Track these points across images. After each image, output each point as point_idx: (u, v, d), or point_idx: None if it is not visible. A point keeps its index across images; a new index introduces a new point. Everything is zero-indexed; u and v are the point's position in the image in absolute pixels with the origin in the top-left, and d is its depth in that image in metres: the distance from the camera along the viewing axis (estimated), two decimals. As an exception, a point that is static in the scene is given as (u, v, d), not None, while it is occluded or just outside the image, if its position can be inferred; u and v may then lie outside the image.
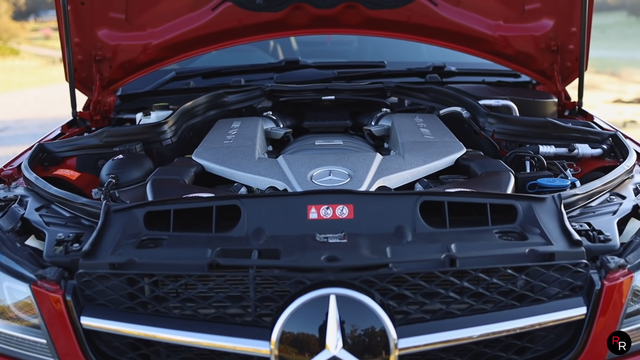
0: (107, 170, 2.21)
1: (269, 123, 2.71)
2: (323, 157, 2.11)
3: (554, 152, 2.34)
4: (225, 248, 1.59)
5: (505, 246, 1.59)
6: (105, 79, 3.04)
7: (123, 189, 2.18)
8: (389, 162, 2.10)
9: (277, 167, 2.08)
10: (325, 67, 3.30)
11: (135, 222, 1.72)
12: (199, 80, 3.32)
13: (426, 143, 2.28)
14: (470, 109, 2.63)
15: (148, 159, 2.33)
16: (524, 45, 3.02)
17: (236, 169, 2.10)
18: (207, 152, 2.26)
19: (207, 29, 2.99)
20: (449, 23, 2.98)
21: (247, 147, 2.27)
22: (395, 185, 2.02)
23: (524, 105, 2.75)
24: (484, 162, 2.09)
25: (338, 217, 1.67)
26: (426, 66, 3.32)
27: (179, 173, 2.05)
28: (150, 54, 3.04)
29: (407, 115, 2.69)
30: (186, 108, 2.65)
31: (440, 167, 2.16)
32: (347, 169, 2.02)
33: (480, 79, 3.31)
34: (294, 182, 1.95)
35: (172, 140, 2.48)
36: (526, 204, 1.72)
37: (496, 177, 1.97)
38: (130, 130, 2.45)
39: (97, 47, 2.98)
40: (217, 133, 2.49)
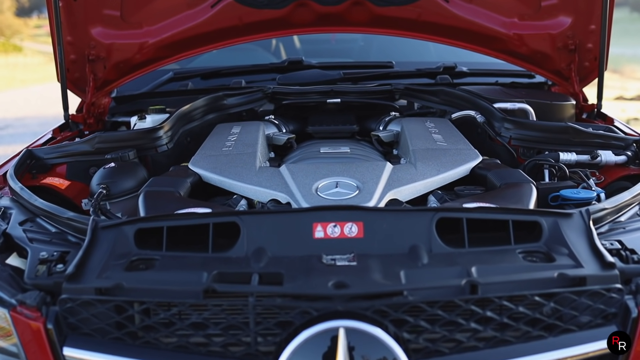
0: (97, 179, 2.07)
1: (271, 128, 2.56)
2: (329, 167, 1.96)
3: (576, 159, 2.19)
4: (222, 271, 1.44)
5: (531, 269, 1.44)
6: (99, 80, 2.90)
7: (115, 200, 2.04)
8: (400, 172, 1.95)
9: (279, 177, 1.94)
10: (330, 67, 3.15)
11: (125, 240, 1.57)
12: (197, 81, 3.18)
13: (439, 151, 2.13)
14: (485, 112, 2.48)
15: (142, 167, 2.19)
16: (539, 44, 2.86)
17: (236, 179, 1.96)
18: (204, 160, 2.11)
19: (206, 27, 2.85)
20: (461, 21, 2.83)
21: (248, 155, 2.12)
22: (407, 197, 1.88)
23: (540, 108, 2.59)
24: (503, 173, 1.94)
25: (346, 235, 1.52)
26: (436, 66, 3.17)
27: (173, 184, 1.91)
28: (147, 54, 2.89)
29: (417, 120, 2.54)
30: (183, 112, 2.51)
31: (455, 178, 2.01)
32: (355, 180, 1.87)
33: (493, 79, 3.15)
34: (297, 195, 1.81)
35: (168, 147, 2.34)
36: (552, 220, 1.57)
37: (517, 189, 1.82)
38: (124, 136, 2.31)
39: (91, 46, 2.83)
40: (215, 139, 2.34)
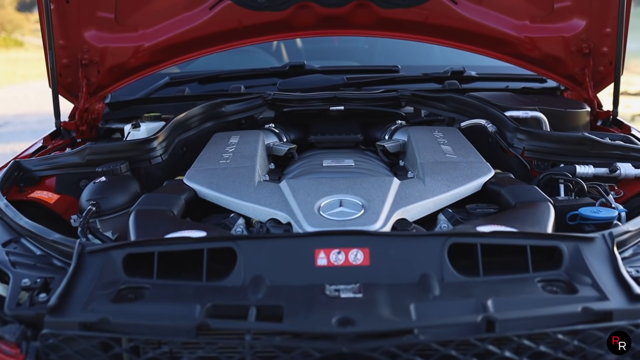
0: (87, 195, 1.96)
1: (271, 137, 2.44)
2: (332, 183, 1.85)
3: (593, 172, 2.07)
4: (217, 304, 1.33)
5: (553, 303, 1.32)
6: (92, 85, 2.78)
7: (105, 217, 1.93)
8: (408, 189, 1.83)
9: (279, 194, 1.82)
10: (333, 72, 3.03)
11: (113, 266, 1.46)
12: (195, 86, 3.06)
13: (448, 164, 2.02)
14: (496, 121, 2.36)
15: (135, 181, 2.08)
16: (552, 48, 2.74)
17: (233, 196, 1.85)
18: (200, 174, 2.00)
19: (204, 30, 2.72)
20: (470, 23, 2.71)
21: (246, 169, 2.00)
22: (415, 217, 1.76)
23: (554, 115, 2.47)
24: (517, 190, 1.82)
25: (351, 263, 1.41)
26: (444, 71, 3.04)
27: (166, 202, 1.79)
28: (142, 58, 2.77)
29: (424, 129, 2.42)
30: (179, 120, 2.39)
31: (466, 194, 1.89)
32: (359, 198, 1.75)
33: (504, 84, 3.03)
34: (299, 215, 1.69)
35: (162, 158, 2.22)
36: (573, 245, 1.46)
37: (533, 209, 1.70)
38: (115, 147, 2.19)
39: (84, 50, 2.71)
40: (212, 150, 2.23)
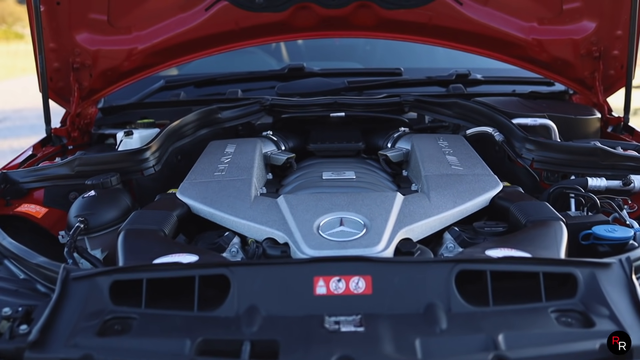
0: (75, 210, 1.87)
1: (269, 145, 2.35)
2: (332, 199, 1.75)
3: (605, 185, 1.97)
4: (208, 338, 1.24)
5: (568, 338, 1.23)
6: (84, 89, 2.69)
7: (94, 234, 1.84)
8: (412, 205, 1.74)
9: (276, 211, 1.73)
10: (333, 74, 2.93)
11: (99, 294, 1.37)
12: (191, 89, 2.96)
13: (454, 177, 1.92)
14: (504, 129, 2.26)
15: (126, 194, 1.98)
16: (560, 51, 2.64)
17: (228, 212, 1.75)
18: (194, 188, 1.90)
19: (200, 32, 2.63)
20: (476, 25, 2.61)
21: (242, 182, 1.91)
22: (420, 235, 1.67)
23: (564, 123, 2.38)
24: (528, 207, 1.72)
25: (352, 292, 1.32)
26: (448, 74, 2.94)
27: (157, 221, 1.70)
28: (136, 61, 2.67)
29: (428, 137, 2.32)
30: (173, 128, 2.29)
31: (473, 210, 1.80)
32: (361, 216, 1.66)
33: (510, 88, 2.93)
34: (297, 235, 1.60)
35: (155, 169, 2.13)
36: (588, 271, 1.36)
37: (545, 229, 1.60)
38: (106, 158, 2.10)
39: (76, 53, 2.62)
40: (207, 161, 2.13)
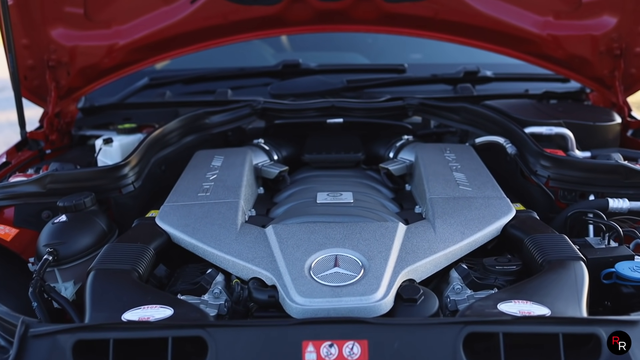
0: (45, 239, 1.69)
1: (260, 155, 2.16)
2: (326, 232, 1.57)
3: (628, 207, 1.79)
4: None
5: None
6: (62, 88, 2.49)
7: (65, 265, 1.66)
8: (415, 238, 1.56)
9: (264, 245, 1.55)
10: (331, 71, 2.71)
11: (61, 354, 1.21)
12: (178, 87, 2.75)
13: (462, 200, 1.74)
14: (517, 140, 2.07)
15: (102, 216, 1.80)
16: (578, 48, 2.43)
17: (211, 245, 1.57)
18: (175, 213, 1.72)
19: (185, 27, 2.42)
20: (486, 19, 2.39)
21: (228, 207, 1.73)
22: (424, 275, 1.49)
23: (582, 129, 2.18)
24: (544, 242, 1.54)
25: (346, 359, 1.16)
26: (456, 71, 2.72)
27: (132, 257, 1.51)
28: (117, 57, 2.47)
29: (434, 148, 2.12)
30: (155, 137, 2.11)
31: (483, 242, 1.62)
32: (358, 254, 1.48)
33: (522, 86, 2.72)
34: (286, 277, 1.42)
35: (135, 187, 1.94)
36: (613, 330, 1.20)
37: (564, 274, 1.42)
38: (80, 175, 1.91)
39: (51, 50, 2.41)
40: (191, 177, 1.94)
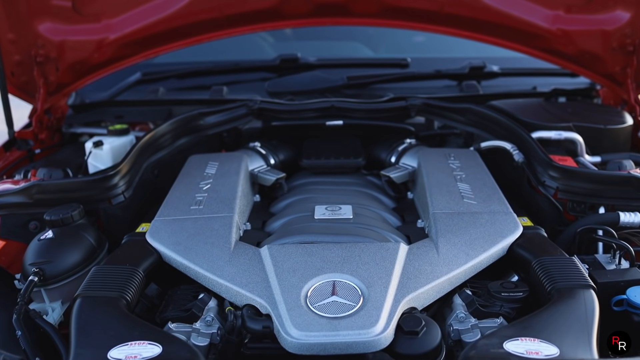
0: (31, 257, 1.61)
1: (256, 160, 2.08)
2: (324, 254, 1.49)
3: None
4: None
5: None
6: (51, 84, 2.40)
7: (52, 286, 1.59)
8: (417, 261, 1.48)
9: (259, 267, 1.48)
10: (331, 65, 2.61)
11: None
12: (172, 82, 2.64)
13: (467, 216, 1.66)
14: (524, 147, 1.97)
15: (90, 230, 1.72)
16: (589, 43, 2.32)
17: (204, 267, 1.50)
18: (166, 229, 1.64)
19: (179, 21, 2.31)
20: (494, 13, 2.28)
21: (222, 223, 1.64)
22: (426, 302, 1.42)
23: (592, 132, 2.09)
24: (552, 267, 1.45)
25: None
26: (461, 67, 2.61)
27: (120, 282, 1.44)
28: (107, 52, 2.37)
29: (437, 154, 2.03)
30: (147, 142, 2.02)
31: (488, 263, 1.55)
32: (357, 281, 1.40)
33: (530, 81, 2.61)
34: (281, 307, 1.35)
35: (126, 196, 1.86)
36: None
37: (573, 306, 1.34)
38: (68, 185, 1.82)
39: (38, 45, 2.32)
40: (183, 188, 1.86)
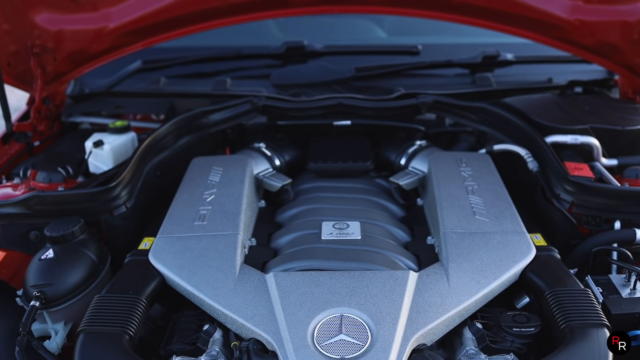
0: (32, 278, 1.58)
1: (261, 162, 2.02)
2: (332, 285, 1.44)
3: None
4: None
5: None
6: (49, 74, 2.32)
7: (54, 308, 1.57)
8: (427, 292, 1.44)
9: (264, 297, 1.44)
10: (338, 52, 2.50)
11: None
12: (173, 69, 2.54)
13: (479, 237, 1.60)
14: (539, 154, 1.90)
15: (92, 246, 1.68)
16: (609, 34, 2.21)
17: (208, 295, 1.46)
18: (169, 249, 1.60)
19: (180, 9, 2.21)
20: (510, 2, 2.17)
21: (226, 243, 1.59)
22: (435, 338, 1.40)
23: (608, 135, 2.02)
24: (566, 301, 1.41)
25: None
26: (474, 55, 2.51)
27: (123, 315, 1.40)
28: (106, 42, 2.28)
29: (449, 160, 1.95)
30: (149, 145, 1.96)
31: (499, 291, 1.51)
32: (366, 317, 1.37)
33: (544, 69, 2.51)
34: (287, 347, 1.32)
35: (127, 207, 1.81)
36: None
37: (588, 348, 1.31)
38: (68, 197, 1.77)
39: (35, 36, 2.23)
40: (187, 198, 1.80)
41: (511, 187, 1.87)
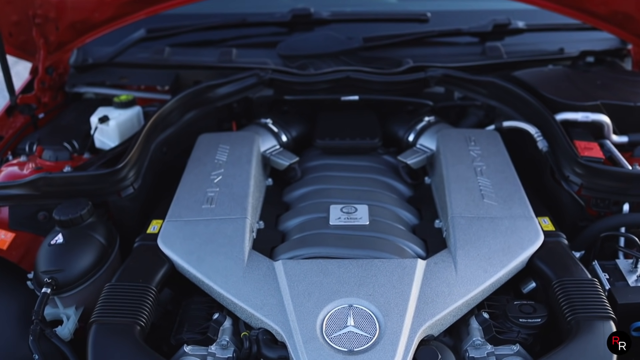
0: (42, 264, 1.59)
1: (268, 138, 2.00)
2: (340, 274, 1.45)
3: None
4: None
5: None
6: (51, 44, 2.28)
7: (66, 293, 1.58)
8: (435, 281, 1.45)
9: (273, 285, 1.45)
10: (346, 20, 2.44)
11: None
12: (177, 38, 2.49)
13: (487, 222, 1.60)
14: (549, 134, 1.88)
15: (100, 229, 1.68)
16: (623, 3, 2.15)
17: (217, 283, 1.48)
18: (178, 234, 1.60)
19: None
20: None
21: (235, 227, 1.60)
22: (443, 328, 1.41)
23: (620, 112, 1.99)
24: (573, 292, 1.42)
25: None
26: (484, 24, 2.44)
27: (134, 306, 1.42)
28: (108, 11, 2.23)
29: (457, 138, 1.93)
30: (154, 123, 1.94)
31: (506, 279, 1.52)
32: (374, 308, 1.38)
33: (556, 37, 2.46)
34: (297, 338, 1.33)
35: (135, 187, 1.81)
36: None
37: (594, 342, 1.32)
38: (76, 179, 1.77)
39: (36, 5, 2.18)
40: (194, 179, 1.80)
41: (520, 164, 1.85)
